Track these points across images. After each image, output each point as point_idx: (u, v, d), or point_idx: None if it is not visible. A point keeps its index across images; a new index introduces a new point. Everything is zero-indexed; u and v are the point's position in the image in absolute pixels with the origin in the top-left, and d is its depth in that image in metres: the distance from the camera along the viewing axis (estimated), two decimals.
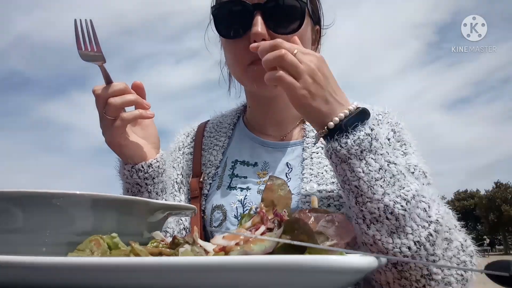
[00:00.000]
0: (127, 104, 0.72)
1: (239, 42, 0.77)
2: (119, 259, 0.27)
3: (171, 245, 0.34)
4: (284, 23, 0.76)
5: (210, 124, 0.99)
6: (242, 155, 0.89)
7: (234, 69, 0.84)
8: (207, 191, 0.87)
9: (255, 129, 0.93)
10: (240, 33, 0.76)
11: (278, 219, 0.34)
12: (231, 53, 0.81)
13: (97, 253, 0.32)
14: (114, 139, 0.74)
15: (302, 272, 0.24)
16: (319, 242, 0.30)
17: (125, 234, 0.36)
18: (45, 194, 0.35)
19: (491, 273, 0.29)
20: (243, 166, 0.88)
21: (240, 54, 0.78)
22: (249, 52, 0.73)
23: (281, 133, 0.90)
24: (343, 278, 0.26)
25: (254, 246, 0.29)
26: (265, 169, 0.85)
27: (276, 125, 0.90)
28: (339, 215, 0.33)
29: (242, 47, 0.76)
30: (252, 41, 0.73)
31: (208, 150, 0.93)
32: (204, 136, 0.96)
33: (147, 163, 0.77)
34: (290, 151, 0.87)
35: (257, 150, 0.89)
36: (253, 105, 0.93)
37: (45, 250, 0.35)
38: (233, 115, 0.99)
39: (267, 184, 0.42)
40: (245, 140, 0.92)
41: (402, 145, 0.83)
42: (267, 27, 0.74)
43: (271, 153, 0.87)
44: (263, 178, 0.84)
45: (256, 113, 0.93)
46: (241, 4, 0.76)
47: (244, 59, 0.78)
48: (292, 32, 0.75)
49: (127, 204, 0.39)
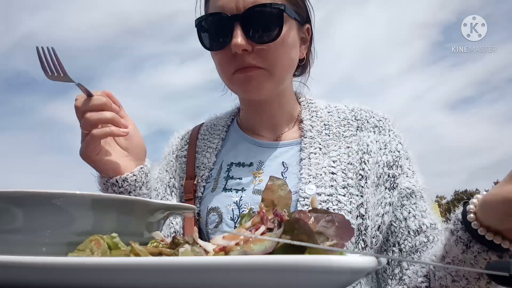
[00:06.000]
0: (102, 121, 0.72)
1: (223, 53, 0.79)
2: (119, 259, 0.27)
3: (171, 245, 0.34)
4: (263, 32, 0.76)
5: (205, 127, 0.99)
6: (237, 157, 0.89)
7: (222, 78, 0.85)
8: (201, 194, 0.86)
9: (249, 130, 0.93)
10: (222, 44, 0.77)
11: (278, 219, 0.34)
12: (216, 63, 0.83)
13: (97, 253, 0.32)
14: (85, 153, 0.74)
15: (302, 272, 0.24)
16: (319, 242, 0.30)
17: (125, 234, 0.36)
18: (45, 194, 0.35)
19: (491, 273, 0.29)
20: (238, 168, 0.87)
21: (224, 64, 0.80)
22: (232, 62, 0.77)
23: (275, 134, 0.90)
24: (343, 278, 0.26)
25: (254, 246, 0.29)
26: (260, 168, 0.85)
27: (269, 127, 0.91)
28: (339, 215, 0.33)
29: (226, 57, 0.78)
30: (233, 52, 0.75)
31: (201, 152, 0.93)
32: (198, 138, 0.96)
33: (121, 177, 0.77)
34: (285, 150, 0.87)
35: (252, 150, 0.89)
36: (246, 108, 0.93)
37: (45, 250, 0.35)
38: (227, 117, 0.99)
39: (268, 185, 0.42)
40: (239, 141, 0.92)
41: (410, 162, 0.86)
42: (247, 37, 0.75)
43: (265, 152, 0.87)
44: (259, 177, 0.83)
45: (249, 116, 0.93)
46: (220, 16, 0.76)
47: (229, 69, 0.80)
48: (272, 40, 0.76)
49: (127, 204, 0.39)
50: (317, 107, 0.93)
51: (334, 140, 0.85)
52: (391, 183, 0.82)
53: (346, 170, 0.80)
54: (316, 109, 0.92)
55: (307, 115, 0.90)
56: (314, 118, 0.89)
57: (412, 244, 0.79)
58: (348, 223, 0.32)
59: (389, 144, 0.86)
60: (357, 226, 0.76)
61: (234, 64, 0.78)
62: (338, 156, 0.82)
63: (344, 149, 0.83)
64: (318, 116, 0.90)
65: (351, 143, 0.85)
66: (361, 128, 0.88)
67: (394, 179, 0.83)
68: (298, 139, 0.87)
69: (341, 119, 0.90)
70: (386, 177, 0.83)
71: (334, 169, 0.80)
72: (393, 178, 0.83)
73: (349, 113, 0.91)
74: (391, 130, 0.88)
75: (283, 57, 0.79)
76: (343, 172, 0.80)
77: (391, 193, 0.82)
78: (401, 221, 0.81)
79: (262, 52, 0.77)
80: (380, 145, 0.86)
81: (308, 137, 0.85)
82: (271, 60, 0.78)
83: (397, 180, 0.83)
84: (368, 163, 0.82)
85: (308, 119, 0.89)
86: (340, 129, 0.87)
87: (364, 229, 0.76)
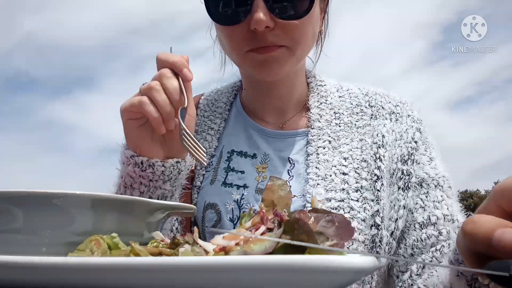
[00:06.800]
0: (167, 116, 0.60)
1: (237, 29, 0.66)
2: (119, 259, 0.27)
3: (171, 245, 0.34)
4: (291, 5, 0.64)
5: (204, 101, 0.85)
6: (239, 144, 0.78)
7: (231, 55, 0.74)
8: (200, 183, 0.76)
9: (252, 113, 0.82)
10: (237, 18, 0.65)
11: (278, 219, 0.34)
12: (228, 40, 0.70)
13: (97, 253, 0.32)
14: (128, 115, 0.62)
15: (302, 272, 0.24)
16: (319, 242, 0.30)
17: (125, 234, 0.36)
18: (45, 194, 0.35)
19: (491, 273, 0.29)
20: (240, 158, 0.77)
21: (239, 42, 0.68)
22: (248, 39, 0.66)
23: (281, 120, 0.80)
24: (344, 278, 0.26)
25: (254, 246, 0.29)
26: (265, 162, 0.76)
27: (275, 111, 0.80)
28: (339, 215, 0.33)
29: (240, 34, 0.66)
30: (252, 28, 0.64)
31: (201, 133, 0.81)
32: (198, 114, 0.83)
33: (150, 161, 0.63)
34: (291, 142, 0.77)
35: (255, 139, 0.78)
36: (251, 89, 0.81)
37: (45, 250, 0.35)
38: (229, 92, 0.86)
39: (267, 185, 0.42)
40: (241, 125, 0.81)
41: (427, 148, 0.76)
42: (270, 11, 0.63)
43: (270, 144, 0.77)
44: (263, 173, 0.75)
45: (253, 97, 0.82)
46: None
47: (242, 46, 0.68)
48: (302, 16, 0.64)
49: (127, 204, 0.39)
50: (327, 90, 0.81)
51: (345, 132, 0.75)
52: (405, 182, 0.72)
53: (360, 169, 0.71)
54: (325, 94, 0.80)
55: (315, 102, 0.79)
56: (323, 105, 0.78)
57: (416, 237, 0.69)
58: (348, 223, 0.32)
59: (405, 133, 0.76)
60: (371, 237, 0.67)
61: (251, 42, 0.66)
62: (350, 152, 0.72)
63: (357, 142, 0.73)
64: (328, 103, 0.78)
65: (365, 135, 0.74)
66: (376, 115, 0.77)
67: (408, 177, 0.73)
68: (305, 129, 0.77)
69: (354, 106, 0.78)
70: (400, 174, 0.73)
71: (346, 168, 0.71)
72: (407, 176, 0.73)
73: (363, 98, 0.80)
74: (409, 115, 0.78)
75: (308, 33, 0.68)
76: (356, 172, 0.70)
77: (405, 194, 0.72)
78: (408, 214, 0.71)
79: (287, 29, 0.65)
80: (396, 135, 0.75)
81: (316, 128, 0.75)
82: (297, 37, 0.66)
83: (412, 179, 0.73)
84: (383, 160, 0.72)
85: (316, 106, 0.78)
86: (352, 118, 0.77)
87: (379, 241, 0.67)
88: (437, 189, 0.72)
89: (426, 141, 0.77)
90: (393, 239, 0.70)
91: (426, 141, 0.77)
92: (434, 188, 0.73)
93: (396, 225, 0.70)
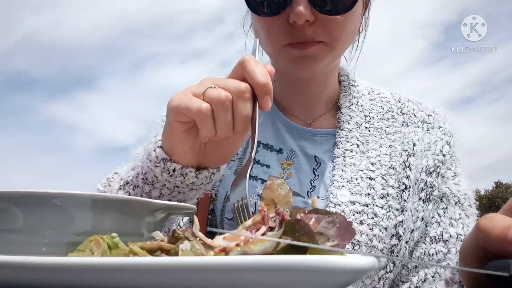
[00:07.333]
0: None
1: (275, 21, 0.64)
2: (119, 259, 0.27)
3: (171, 239, 0.34)
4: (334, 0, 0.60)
5: None
6: (266, 136, 0.75)
7: (267, 48, 0.70)
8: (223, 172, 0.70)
9: (280, 105, 0.79)
10: (276, 9, 0.62)
11: (280, 218, 0.34)
12: (265, 31, 0.67)
13: (97, 253, 0.32)
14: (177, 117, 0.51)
15: (302, 272, 0.24)
16: (320, 243, 0.30)
17: (125, 234, 0.36)
18: (45, 194, 0.35)
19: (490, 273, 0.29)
20: (266, 151, 0.74)
21: (276, 34, 0.65)
22: (286, 32, 0.63)
23: (309, 117, 0.77)
24: (344, 278, 0.26)
25: (254, 247, 0.29)
26: (291, 158, 0.73)
27: (304, 107, 0.77)
28: (340, 216, 0.33)
29: (278, 26, 0.64)
30: (291, 21, 0.61)
31: None
32: None
33: (183, 170, 0.55)
34: (319, 141, 0.74)
35: (283, 133, 0.76)
36: (281, 82, 0.77)
37: (45, 250, 0.35)
38: None
39: (267, 184, 0.42)
40: (269, 117, 0.77)
41: (453, 162, 0.75)
42: (312, 5, 0.60)
43: (297, 140, 0.75)
44: (287, 170, 0.72)
45: (283, 91, 0.78)
46: None
47: (280, 40, 0.65)
48: (346, 11, 0.61)
49: (127, 204, 0.39)
50: (359, 92, 0.78)
51: (374, 136, 0.73)
52: (427, 194, 0.70)
53: (387, 176, 0.68)
54: (357, 95, 0.77)
55: (347, 102, 0.76)
56: (354, 106, 0.76)
57: (424, 251, 0.68)
58: (349, 224, 0.32)
59: (434, 145, 0.74)
60: (390, 247, 0.65)
61: (289, 36, 0.64)
62: (378, 158, 0.70)
63: (386, 149, 0.71)
64: (359, 105, 0.76)
65: (395, 142, 0.72)
66: (407, 123, 0.75)
67: (431, 189, 0.70)
68: (334, 130, 0.75)
69: (385, 111, 0.76)
70: (423, 186, 0.70)
71: (373, 174, 0.68)
72: (430, 188, 0.70)
73: (395, 104, 0.78)
74: (441, 126, 0.76)
75: (349, 29, 0.66)
76: (383, 178, 0.68)
77: (425, 206, 0.70)
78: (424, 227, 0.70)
79: (328, 24, 0.62)
80: (425, 145, 0.73)
81: (345, 130, 0.73)
82: (336, 34, 0.64)
83: (434, 192, 0.71)
84: (413, 169, 0.70)
85: (347, 107, 0.75)
86: (382, 123, 0.74)
87: (398, 252, 0.66)
88: (457, 206, 0.71)
89: (454, 156, 0.75)
90: (406, 249, 0.68)
91: (454, 156, 0.75)
92: (453, 205, 0.71)
93: (412, 236, 0.68)
